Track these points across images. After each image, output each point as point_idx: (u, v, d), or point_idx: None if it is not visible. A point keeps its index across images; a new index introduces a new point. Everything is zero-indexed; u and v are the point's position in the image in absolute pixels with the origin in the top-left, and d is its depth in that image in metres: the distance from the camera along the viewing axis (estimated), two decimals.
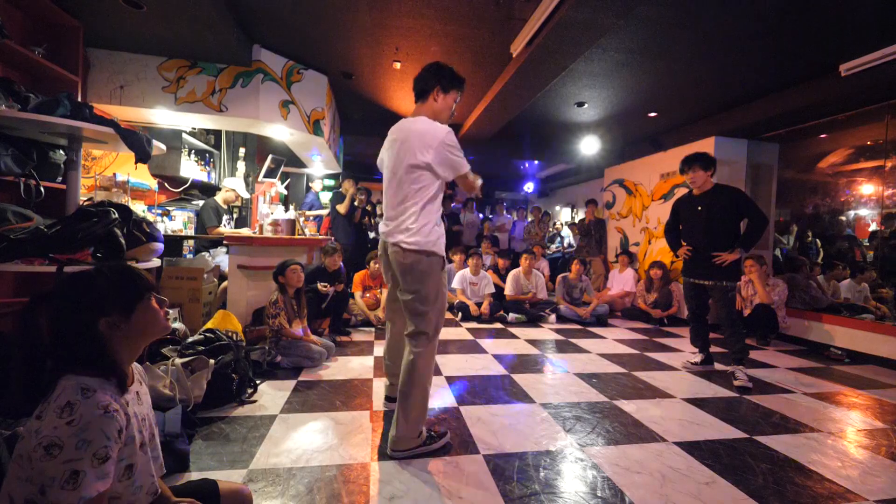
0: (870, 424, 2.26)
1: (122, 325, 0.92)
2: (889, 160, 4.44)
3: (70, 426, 0.78)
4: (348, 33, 3.54)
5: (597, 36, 3.01)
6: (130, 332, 0.93)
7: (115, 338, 0.91)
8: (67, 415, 0.79)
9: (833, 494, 1.57)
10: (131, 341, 0.95)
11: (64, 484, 0.76)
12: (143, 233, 2.32)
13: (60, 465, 0.77)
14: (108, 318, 0.90)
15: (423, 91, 1.85)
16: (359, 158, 8.17)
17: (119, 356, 0.93)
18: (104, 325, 0.90)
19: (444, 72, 1.84)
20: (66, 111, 1.90)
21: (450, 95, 1.86)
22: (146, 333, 0.98)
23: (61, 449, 0.77)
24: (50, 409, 0.81)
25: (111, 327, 0.90)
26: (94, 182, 3.29)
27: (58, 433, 0.77)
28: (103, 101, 3.62)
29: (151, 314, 0.97)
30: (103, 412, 0.82)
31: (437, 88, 1.83)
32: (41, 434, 0.78)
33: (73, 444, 0.78)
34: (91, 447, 0.79)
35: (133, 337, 0.95)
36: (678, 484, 1.59)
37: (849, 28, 3.02)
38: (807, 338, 4.06)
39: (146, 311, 0.96)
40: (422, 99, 1.86)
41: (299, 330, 2.89)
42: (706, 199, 2.95)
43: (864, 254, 5.02)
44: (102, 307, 0.90)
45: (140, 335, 0.96)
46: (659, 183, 5.50)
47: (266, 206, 4.05)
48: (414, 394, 1.72)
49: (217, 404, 2.06)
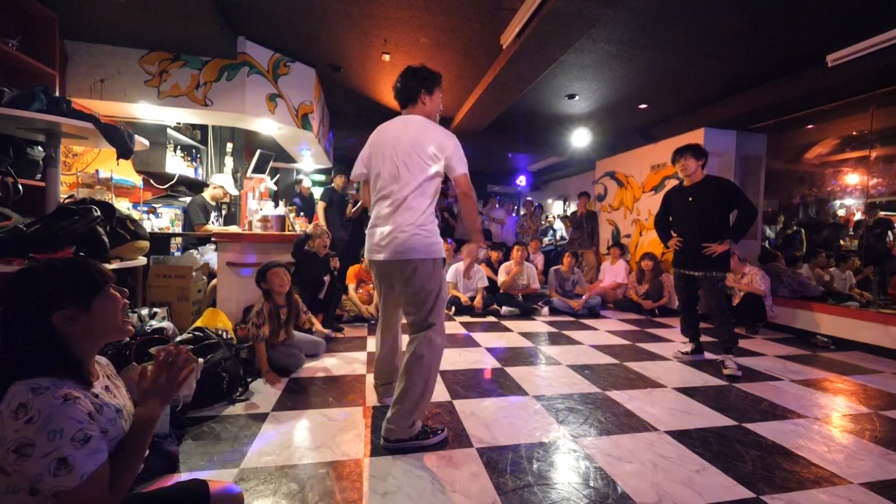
0: (854, 409, 2.31)
1: (80, 319, 0.89)
2: (874, 150, 4.50)
3: (32, 423, 0.77)
4: (336, 24, 3.47)
5: (587, 26, 2.99)
6: (90, 325, 0.91)
7: (73, 333, 0.89)
8: (23, 415, 0.77)
9: (819, 478, 1.61)
10: (91, 336, 0.93)
11: (56, 472, 0.76)
12: (128, 231, 2.27)
13: (40, 461, 0.76)
14: (64, 311, 0.87)
15: (410, 98, 1.85)
16: (349, 152, 8.09)
17: (77, 352, 0.91)
18: (60, 319, 0.87)
19: (422, 74, 1.83)
20: (43, 106, 1.84)
21: (435, 94, 1.87)
22: (106, 328, 0.95)
23: (33, 446, 0.76)
24: (3, 416, 0.78)
25: (68, 321, 0.88)
26: (75, 179, 3.21)
27: (22, 433, 0.76)
28: (83, 96, 3.51)
29: (112, 307, 0.95)
30: (62, 401, 0.80)
31: (422, 92, 1.83)
32: (6, 440, 0.76)
33: (45, 438, 0.76)
34: (65, 434, 0.78)
35: (93, 331, 0.92)
36: (669, 472, 1.61)
37: (836, 18, 3.03)
38: (794, 326, 4.14)
39: (106, 303, 0.94)
40: (411, 104, 1.86)
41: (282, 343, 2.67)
42: (696, 190, 2.97)
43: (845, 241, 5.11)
44: (57, 301, 0.87)
45: (100, 329, 0.94)
46: (650, 175, 5.53)
47: (255, 203, 3.99)
48: (415, 387, 1.71)
49: (207, 403, 2.04)
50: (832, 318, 3.85)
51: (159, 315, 2.78)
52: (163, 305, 3.02)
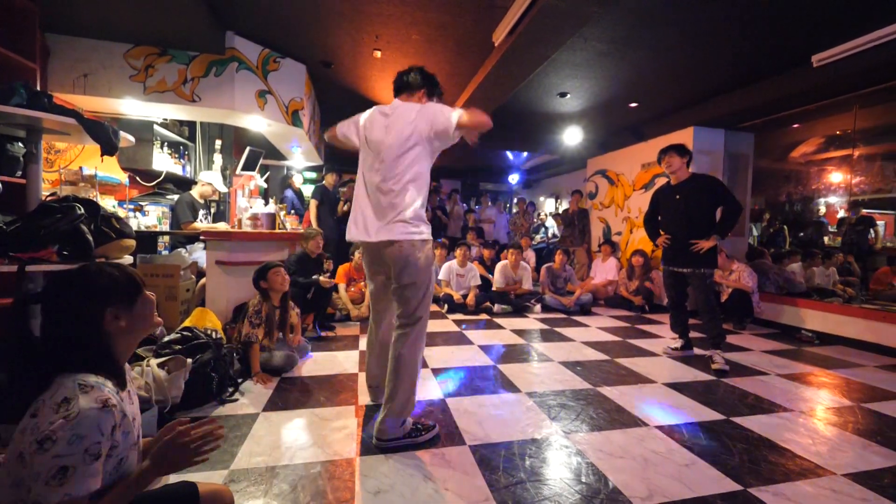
0: (838, 402, 2.36)
1: (124, 318, 0.93)
2: (856, 149, 4.60)
3: (66, 420, 0.78)
4: (326, 20, 3.43)
5: (578, 25, 3.00)
6: (132, 324, 0.95)
7: (116, 332, 0.92)
8: (64, 409, 0.79)
9: (804, 470, 1.64)
10: (129, 336, 0.97)
11: (49, 479, 0.75)
12: (113, 229, 2.22)
13: (49, 460, 0.76)
14: (113, 309, 0.91)
15: (409, 87, 1.86)
16: (341, 149, 8.02)
17: (117, 353, 0.94)
18: (109, 317, 0.91)
19: (433, 79, 1.89)
20: (23, 100, 1.79)
21: (432, 101, 1.89)
22: (143, 327, 1.00)
23: (54, 443, 0.76)
24: (46, 406, 0.80)
25: (114, 319, 0.92)
26: (58, 176, 3.13)
27: (52, 428, 0.77)
28: (65, 91, 3.42)
29: (150, 307, 1.00)
30: (101, 406, 0.82)
31: (423, 91, 1.86)
32: (38, 430, 0.77)
33: (66, 439, 0.77)
34: (84, 442, 0.78)
35: (132, 330, 0.96)
36: (660, 467, 1.63)
37: (820, 20, 3.08)
38: (780, 321, 4.22)
39: (145, 303, 0.99)
40: (406, 93, 1.87)
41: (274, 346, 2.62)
42: (683, 188, 3.01)
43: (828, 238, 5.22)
44: (108, 297, 0.92)
45: (139, 328, 0.98)
46: (640, 173, 5.58)
47: (245, 200, 3.93)
48: (403, 386, 1.72)
49: (196, 404, 2.01)
50: (816, 314, 3.93)
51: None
52: None
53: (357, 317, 4.01)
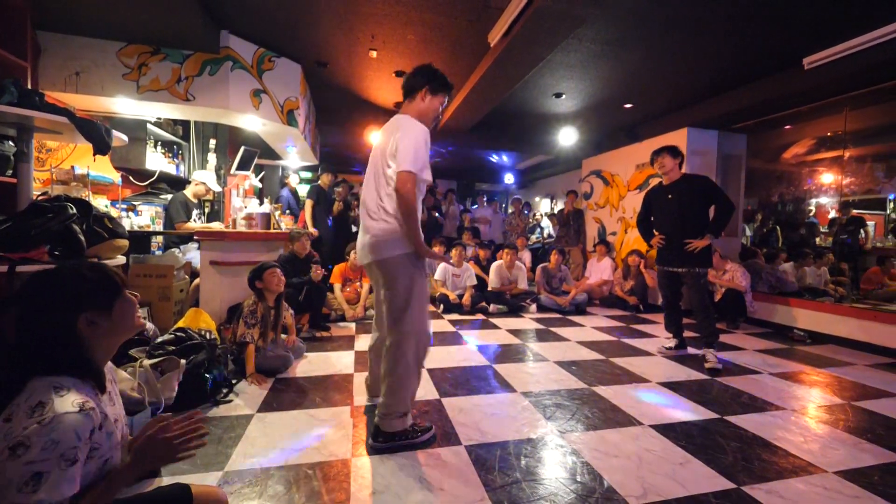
0: (829, 401, 2.39)
1: (101, 323, 0.91)
2: (847, 150, 4.66)
3: (41, 425, 0.75)
4: (322, 19, 3.42)
5: (573, 26, 3.01)
6: (110, 328, 0.93)
7: (93, 336, 0.90)
8: (39, 414, 0.76)
9: (796, 468, 1.66)
10: (109, 339, 0.95)
11: (22, 486, 0.73)
12: (106, 229, 2.20)
13: (21, 467, 0.73)
14: (88, 314, 0.89)
15: (412, 89, 1.83)
16: (336, 149, 8.00)
17: (95, 356, 0.92)
18: (83, 322, 0.88)
19: (435, 74, 1.83)
20: (13, 98, 1.77)
21: (436, 98, 1.84)
22: (124, 330, 0.97)
23: (27, 449, 0.74)
24: (20, 410, 0.78)
25: (90, 325, 0.89)
26: (49, 176, 3.09)
27: (26, 433, 0.74)
28: (57, 89, 3.39)
29: (130, 310, 0.97)
30: (78, 409, 0.80)
31: (425, 89, 1.81)
32: (11, 435, 0.75)
33: (41, 445, 0.74)
34: (59, 448, 0.76)
35: (111, 334, 0.94)
36: (654, 465, 1.64)
37: (812, 22, 3.12)
38: (772, 320, 4.26)
39: (124, 306, 0.96)
40: (409, 97, 1.85)
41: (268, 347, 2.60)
42: (676, 188, 3.03)
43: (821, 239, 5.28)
44: (82, 304, 0.89)
45: (119, 331, 0.96)
46: (635, 173, 5.61)
47: (239, 200, 3.91)
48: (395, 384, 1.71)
49: (190, 405, 1.99)
50: (808, 313, 3.97)
51: (141, 314, 2.70)
52: (143, 306, 2.94)
53: (352, 317, 4.00)
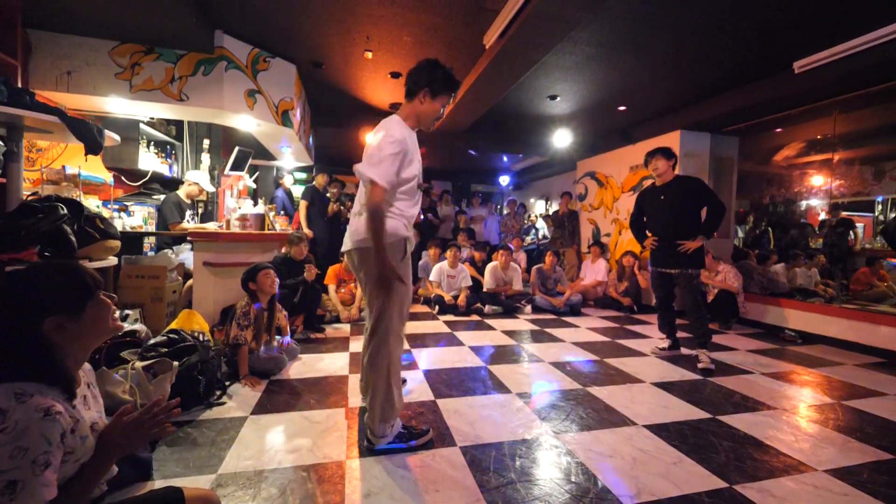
0: (819, 400, 2.42)
1: (70, 326, 0.87)
2: (836, 153, 4.73)
3: (4, 434, 0.73)
4: (317, 20, 3.41)
5: (567, 29, 3.03)
6: (81, 332, 0.89)
7: (61, 340, 0.87)
8: (0, 422, 0.74)
9: (787, 467, 1.68)
10: (81, 343, 0.91)
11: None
12: (97, 229, 2.18)
13: None
14: (54, 318, 0.85)
15: (412, 89, 1.70)
16: (331, 150, 7.97)
17: (66, 360, 0.88)
18: (50, 326, 0.85)
19: (436, 73, 1.68)
20: (3, 97, 1.75)
21: (438, 100, 1.71)
22: (96, 335, 0.94)
23: None
24: None
25: (58, 329, 0.86)
26: (40, 175, 3.05)
27: None
28: (48, 88, 3.35)
29: (103, 313, 0.93)
30: (43, 415, 0.77)
31: (425, 90, 1.68)
32: None
33: (8, 453, 0.73)
34: (29, 454, 0.74)
35: (84, 338, 0.91)
36: (648, 465, 1.65)
37: (802, 26, 3.17)
38: (764, 321, 4.31)
39: (96, 310, 0.92)
40: (409, 97, 1.73)
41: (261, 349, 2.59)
42: (669, 189, 3.06)
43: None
44: (48, 307, 0.85)
45: (91, 336, 0.92)
46: (628, 175, 5.65)
47: (233, 201, 3.88)
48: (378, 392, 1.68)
49: (183, 408, 1.97)
50: (799, 314, 4.02)
51: (131, 317, 2.68)
52: (135, 307, 2.91)
53: (347, 318, 3.99)
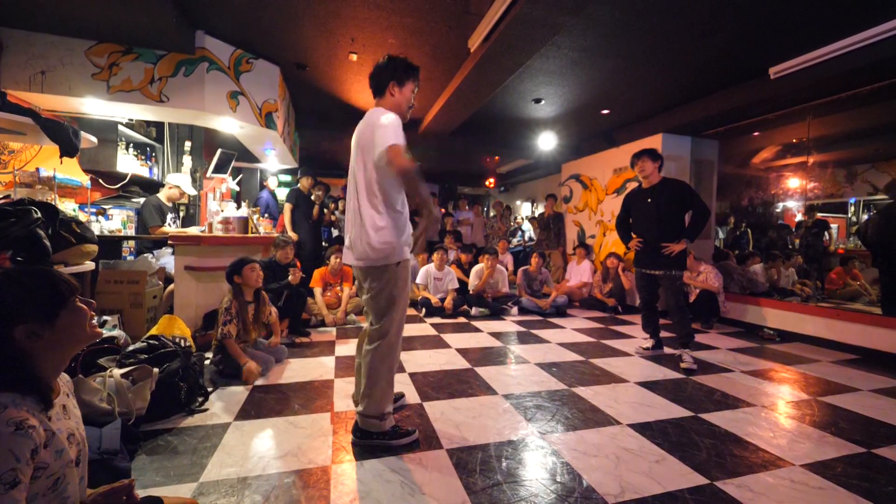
0: (796, 397, 2.49)
1: (44, 334, 0.84)
2: (810, 157, 4.89)
3: None
4: (301, 21, 3.39)
5: (551, 33, 3.08)
6: (56, 340, 0.86)
7: (36, 348, 0.84)
8: None
9: (766, 462, 1.72)
10: (57, 351, 0.88)
11: None
12: (73, 234, 2.13)
13: None
14: (26, 326, 0.82)
15: (379, 87, 1.80)
16: (316, 153, 7.91)
17: (41, 368, 0.85)
18: (21, 334, 0.82)
19: (396, 64, 1.78)
20: None
21: (406, 87, 1.81)
22: (73, 342, 0.91)
23: None
24: None
25: (30, 336, 0.83)
26: (12, 178, 2.95)
27: None
28: (20, 88, 3.25)
29: (79, 320, 0.90)
30: (14, 429, 0.75)
31: (392, 83, 1.78)
32: None
33: None
34: None
35: (59, 346, 0.87)
36: (631, 464, 1.67)
37: (777, 32, 3.28)
38: (744, 320, 4.42)
39: (72, 316, 0.89)
40: (379, 95, 1.82)
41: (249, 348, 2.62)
42: (655, 191, 3.11)
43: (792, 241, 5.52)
44: (18, 314, 0.82)
45: (67, 343, 0.89)
46: (612, 178, 5.75)
47: (216, 204, 3.82)
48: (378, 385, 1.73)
49: (163, 415, 1.93)
50: (777, 313, 4.14)
51: (109, 323, 2.61)
52: (114, 313, 2.83)
53: (333, 322, 3.95)
